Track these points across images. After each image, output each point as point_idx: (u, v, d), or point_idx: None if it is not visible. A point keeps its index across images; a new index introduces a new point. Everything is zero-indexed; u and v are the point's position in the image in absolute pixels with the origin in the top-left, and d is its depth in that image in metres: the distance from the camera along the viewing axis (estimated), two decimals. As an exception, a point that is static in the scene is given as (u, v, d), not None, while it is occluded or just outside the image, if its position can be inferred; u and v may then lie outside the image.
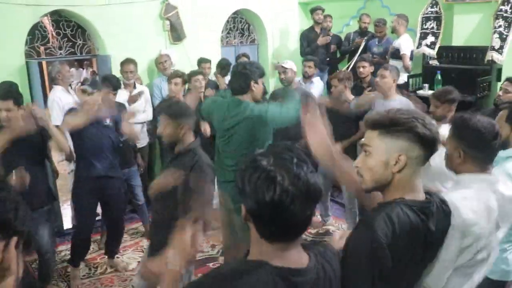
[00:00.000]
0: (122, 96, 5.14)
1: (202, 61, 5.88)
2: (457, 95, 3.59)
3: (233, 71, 3.51)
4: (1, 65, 4.70)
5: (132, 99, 4.94)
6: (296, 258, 1.27)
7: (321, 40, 6.69)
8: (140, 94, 5.02)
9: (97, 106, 3.68)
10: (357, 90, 5.20)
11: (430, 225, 1.51)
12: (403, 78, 6.00)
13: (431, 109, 3.60)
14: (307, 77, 5.54)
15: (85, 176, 3.90)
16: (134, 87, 5.25)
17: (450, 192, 1.85)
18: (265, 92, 3.71)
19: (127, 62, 5.19)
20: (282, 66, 5.07)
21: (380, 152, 1.51)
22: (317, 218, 5.08)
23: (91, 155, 3.85)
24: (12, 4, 4.73)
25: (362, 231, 1.48)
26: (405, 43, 5.94)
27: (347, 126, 4.40)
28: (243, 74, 3.26)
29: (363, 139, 1.60)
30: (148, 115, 5.30)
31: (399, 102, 4.10)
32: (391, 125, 1.50)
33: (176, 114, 2.79)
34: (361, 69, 5.22)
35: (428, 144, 1.49)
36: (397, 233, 1.42)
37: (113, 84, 4.29)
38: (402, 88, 6.04)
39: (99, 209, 4.36)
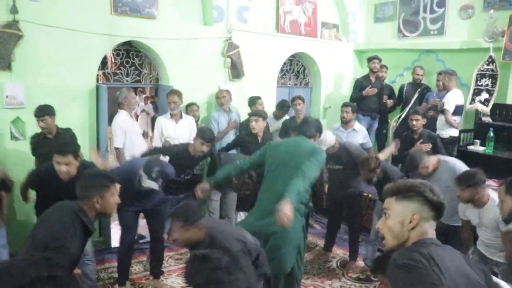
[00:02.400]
0: (168, 125, 5.41)
1: (256, 99, 6.08)
2: (480, 177, 3.57)
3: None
4: (76, 86, 5.10)
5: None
6: None
7: (367, 91, 6.79)
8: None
9: None
10: (408, 141, 5.29)
11: None
12: (450, 132, 5.98)
13: (457, 194, 3.66)
14: (345, 122, 5.61)
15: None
16: (181, 117, 5.48)
17: None
18: None
19: (172, 93, 5.39)
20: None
21: (397, 213, 1.80)
22: (359, 263, 5.08)
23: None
24: (91, 33, 5.13)
25: (399, 273, 1.62)
26: (450, 99, 5.95)
27: None
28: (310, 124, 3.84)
29: (383, 205, 1.89)
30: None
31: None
32: (405, 190, 1.80)
33: (190, 219, 2.85)
34: (414, 122, 5.27)
35: (436, 207, 1.77)
36: (436, 262, 1.59)
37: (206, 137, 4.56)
38: (452, 143, 6.06)
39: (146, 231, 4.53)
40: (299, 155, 3.51)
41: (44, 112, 4.36)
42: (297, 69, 7.59)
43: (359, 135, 5.62)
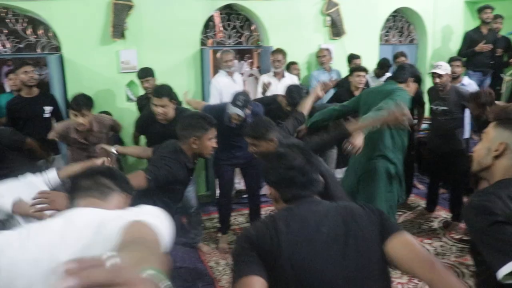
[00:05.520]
0: (273, 83, 5.55)
1: (353, 57, 6.06)
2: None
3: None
4: (181, 49, 5.45)
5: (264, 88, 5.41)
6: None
7: (480, 47, 6.36)
8: (268, 85, 5.48)
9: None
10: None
11: None
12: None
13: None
14: (454, 77, 5.30)
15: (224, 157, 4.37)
16: (283, 75, 5.60)
17: None
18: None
19: (277, 51, 5.57)
20: (437, 73, 4.70)
21: (489, 139, 1.74)
22: (463, 224, 4.88)
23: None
24: (194, -2, 5.41)
25: (475, 214, 1.57)
26: None
27: None
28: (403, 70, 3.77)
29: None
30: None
31: None
32: (504, 117, 1.74)
33: (258, 133, 2.93)
34: None
35: None
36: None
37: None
38: None
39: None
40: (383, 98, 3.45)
41: (147, 73, 4.78)
42: (401, 25, 7.28)
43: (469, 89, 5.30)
